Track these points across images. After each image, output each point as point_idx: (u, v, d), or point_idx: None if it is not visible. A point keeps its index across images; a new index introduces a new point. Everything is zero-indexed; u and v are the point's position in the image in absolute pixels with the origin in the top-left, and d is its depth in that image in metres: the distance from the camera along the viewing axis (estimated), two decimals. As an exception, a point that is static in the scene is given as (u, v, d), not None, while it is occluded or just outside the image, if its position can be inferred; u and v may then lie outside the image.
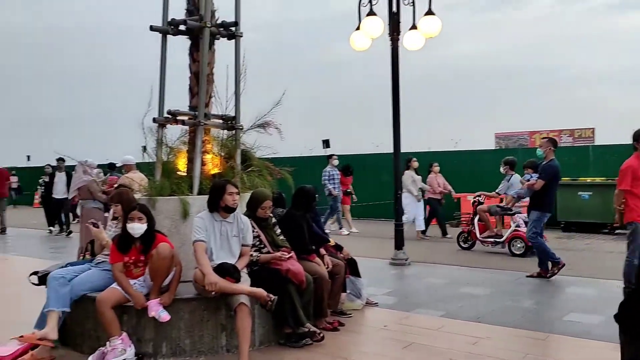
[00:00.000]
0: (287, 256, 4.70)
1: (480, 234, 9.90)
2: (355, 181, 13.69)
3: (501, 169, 10.14)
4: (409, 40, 8.31)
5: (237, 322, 4.20)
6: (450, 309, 5.88)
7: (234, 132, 5.73)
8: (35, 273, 5.14)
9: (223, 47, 5.80)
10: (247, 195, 5.08)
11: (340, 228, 13.22)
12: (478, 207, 10.01)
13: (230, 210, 4.54)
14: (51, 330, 4.50)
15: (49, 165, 15.24)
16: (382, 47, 8.65)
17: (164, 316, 4.37)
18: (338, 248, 5.79)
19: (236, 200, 4.53)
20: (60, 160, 13.15)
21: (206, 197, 4.74)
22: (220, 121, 5.72)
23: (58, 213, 13.77)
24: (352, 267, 5.86)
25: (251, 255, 4.73)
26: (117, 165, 11.86)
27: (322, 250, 5.42)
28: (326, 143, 15.83)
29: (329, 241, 5.69)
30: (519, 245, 9.35)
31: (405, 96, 8.49)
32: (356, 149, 17.56)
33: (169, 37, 5.59)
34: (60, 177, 13.35)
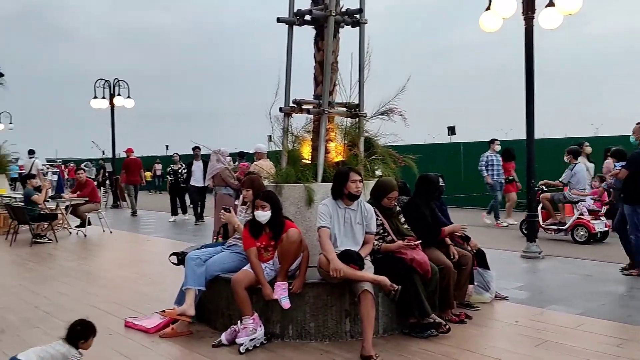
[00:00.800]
0: (414, 244, 4.60)
1: (543, 222, 9.99)
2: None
3: (565, 158, 10.15)
4: (545, 19, 7.74)
5: (361, 309, 4.20)
6: (590, 307, 5.44)
7: (357, 119, 5.72)
8: (174, 254, 5.56)
9: (347, 35, 5.81)
10: (370, 183, 5.06)
11: (497, 219, 12.12)
12: (541, 196, 10.03)
13: (354, 197, 4.54)
14: (189, 307, 4.83)
15: (176, 154, 15.95)
16: (509, 28, 8.19)
17: (285, 303, 4.49)
18: (465, 239, 5.58)
19: (359, 188, 4.52)
20: (197, 148, 13.37)
21: (330, 184, 4.79)
22: (344, 109, 5.74)
23: (196, 200, 13.96)
24: (480, 259, 5.63)
25: (374, 243, 4.70)
26: (248, 153, 12.44)
27: (448, 240, 5.25)
28: (451, 130, 15.36)
29: (468, 238, 5.51)
30: (581, 233, 9.54)
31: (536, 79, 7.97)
32: (482, 135, 16.88)
33: (295, 27, 5.70)
34: (197, 166, 13.51)
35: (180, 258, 5.41)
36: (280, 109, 5.64)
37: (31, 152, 20.15)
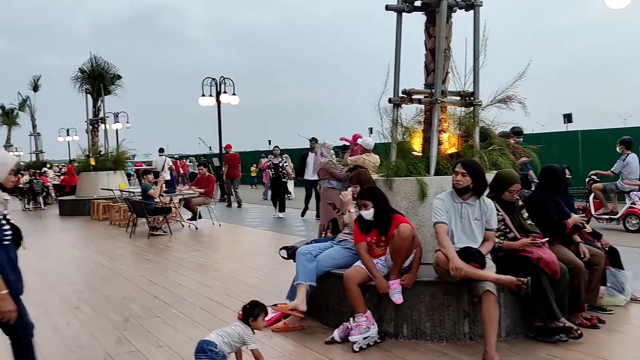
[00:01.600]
0: (541, 241, 4.25)
1: (595, 211, 10.25)
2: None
3: (617, 149, 10.25)
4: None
5: (483, 310, 3.94)
6: None
7: (472, 108, 5.40)
8: (284, 248, 5.57)
9: (460, 20, 5.51)
10: (489, 176, 4.74)
11: None
12: (593, 185, 10.31)
13: (458, 191, 4.27)
14: (300, 303, 4.80)
15: (277, 147, 15.83)
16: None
17: (397, 298, 4.33)
18: (596, 236, 5.10)
19: (459, 181, 4.22)
20: (313, 140, 12.86)
21: (443, 177, 4.54)
22: (458, 98, 5.44)
23: (310, 193, 13.55)
24: (613, 258, 5.12)
25: (495, 240, 4.39)
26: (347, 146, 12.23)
27: (577, 238, 4.81)
28: (568, 117, 14.33)
29: (584, 227, 5.03)
30: (634, 222, 9.79)
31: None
32: (600, 123, 15.59)
33: (404, 15, 5.49)
34: (312, 158, 12.59)
35: (290, 252, 5.41)
36: (390, 100, 5.46)
37: (161, 150, 21.50)
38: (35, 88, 42.51)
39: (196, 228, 11.93)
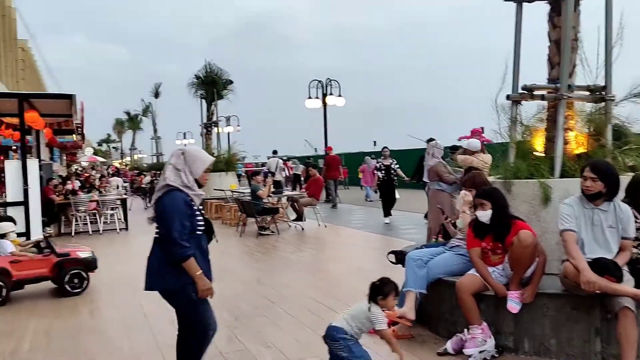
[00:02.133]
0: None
1: None
2: None
3: None
4: None
5: (619, 328, 3.51)
6: None
7: (603, 104, 4.89)
8: (393, 252, 5.38)
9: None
10: (625, 180, 4.25)
11: None
12: None
13: (587, 197, 3.83)
14: (409, 310, 4.59)
15: (386, 148, 14.39)
16: None
17: (512, 306, 4.01)
18: None
19: (588, 187, 3.78)
20: (431, 140, 11.26)
21: (570, 180, 4.12)
22: (587, 93, 4.96)
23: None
24: None
25: (633, 250, 3.92)
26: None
27: None
28: None
29: None
30: None
31: None
32: None
33: (524, 5, 5.10)
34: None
35: (399, 257, 5.21)
36: (508, 97, 5.10)
37: (274, 152, 22.20)
38: (156, 95, 45.74)
39: (302, 229, 12.05)
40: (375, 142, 48.91)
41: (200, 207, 3.41)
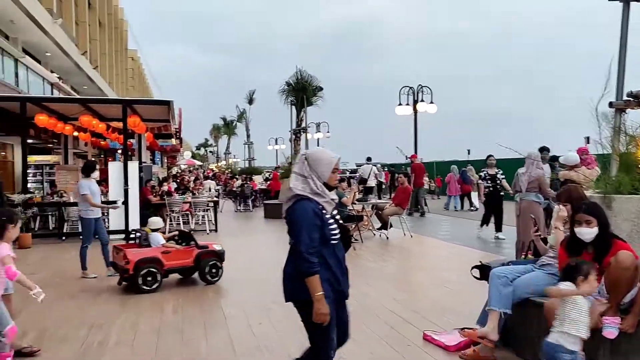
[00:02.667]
0: None
1: None
2: None
3: None
4: None
5: None
6: None
7: None
8: (477, 267, 5.11)
9: None
10: None
11: None
12: None
13: None
14: (492, 331, 4.32)
15: (492, 156, 12.67)
16: None
17: (609, 332, 3.63)
18: None
19: None
20: (544, 150, 10.33)
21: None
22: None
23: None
24: None
25: None
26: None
27: None
28: None
29: None
30: None
31: None
32: None
33: (632, 5, 4.67)
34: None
35: (484, 273, 4.93)
36: (611, 104, 4.68)
37: (368, 159, 22.26)
38: (250, 101, 47.21)
39: (387, 237, 11.85)
40: (469, 150, 47.41)
41: (334, 214, 3.22)
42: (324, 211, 3.11)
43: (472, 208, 19.81)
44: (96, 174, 8.35)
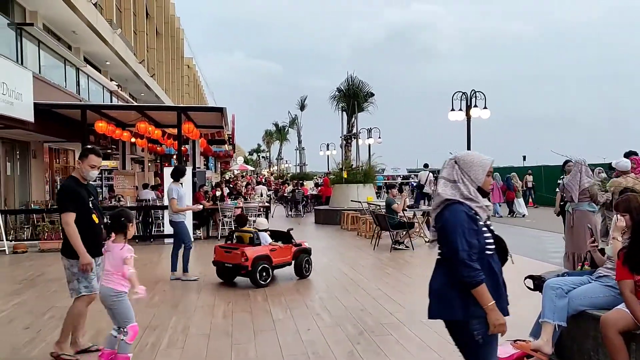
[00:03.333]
0: None
1: None
2: None
3: None
4: None
5: None
6: None
7: None
8: (531, 277, 4.95)
9: None
10: None
11: None
12: None
13: None
14: (545, 343, 4.18)
15: (570, 162, 12.10)
16: None
17: None
18: None
19: None
20: (631, 154, 9.58)
21: None
22: None
23: None
24: None
25: None
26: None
27: None
28: None
29: None
30: None
31: None
32: None
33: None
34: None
35: (537, 283, 4.77)
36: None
37: (426, 166, 22.10)
38: (302, 107, 47.61)
39: (438, 245, 11.64)
40: (525, 156, 46.16)
41: (488, 223, 2.91)
42: (477, 217, 2.83)
43: (515, 215, 19.61)
44: (185, 179, 8.79)
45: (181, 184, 8.52)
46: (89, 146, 5.33)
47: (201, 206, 10.52)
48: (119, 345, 4.20)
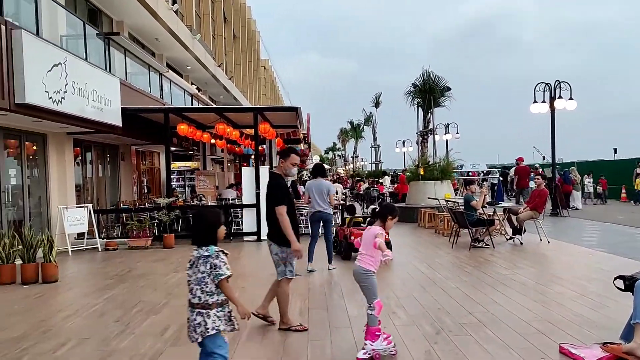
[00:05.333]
0: None
1: None
2: None
3: None
4: None
5: None
6: None
7: None
8: (621, 277, 4.65)
9: None
10: None
11: None
12: None
13: None
14: (638, 347, 3.92)
15: None
16: None
17: None
18: None
19: None
20: None
21: None
22: None
23: None
24: None
25: None
26: None
27: None
28: None
29: None
30: None
31: None
32: None
33: None
34: None
35: (628, 283, 4.47)
36: None
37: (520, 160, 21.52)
38: (377, 104, 47.33)
39: (521, 243, 11.21)
40: (615, 149, 43.45)
41: None
42: None
43: (570, 208, 19.91)
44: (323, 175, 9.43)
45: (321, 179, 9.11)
46: (290, 146, 5.94)
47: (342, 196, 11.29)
48: (368, 319, 4.70)
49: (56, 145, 12.42)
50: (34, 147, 11.97)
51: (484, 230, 11.00)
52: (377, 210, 5.24)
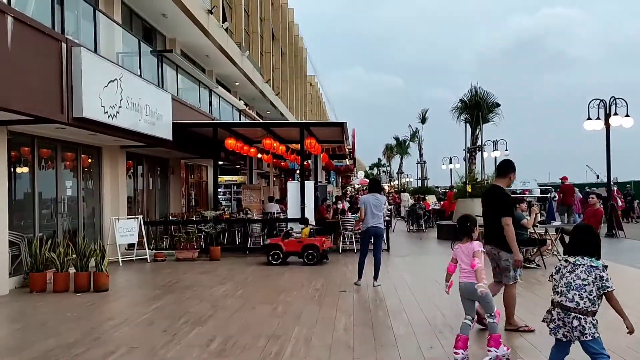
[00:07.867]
0: None
1: None
2: None
3: None
4: None
5: None
6: None
7: None
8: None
9: None
10: None
11: None
12: None
13: None
14: None
15: None
16: None
17: None
18: None
19: None
20: None
21: None
22: None
23: None
24: None
25: None
26: None
27: None
28: None
29: None
30: None
31: None
32: None
33: None
34: None
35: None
36: None
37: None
38: (423, 120, 46.91)
39: (574, 264, 10.78)
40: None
41: None
42: None
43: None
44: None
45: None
46: (510, 162, 6.43)
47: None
48: (490, 327, 5.00)
49: (110, 158, 12.83)
50: (89, 160, 12.39)
51: (535, 250, 10.66)
52: (458, 227, 5.41)
